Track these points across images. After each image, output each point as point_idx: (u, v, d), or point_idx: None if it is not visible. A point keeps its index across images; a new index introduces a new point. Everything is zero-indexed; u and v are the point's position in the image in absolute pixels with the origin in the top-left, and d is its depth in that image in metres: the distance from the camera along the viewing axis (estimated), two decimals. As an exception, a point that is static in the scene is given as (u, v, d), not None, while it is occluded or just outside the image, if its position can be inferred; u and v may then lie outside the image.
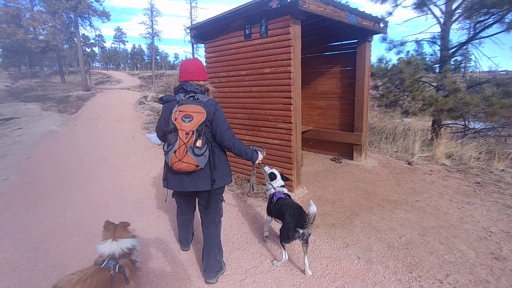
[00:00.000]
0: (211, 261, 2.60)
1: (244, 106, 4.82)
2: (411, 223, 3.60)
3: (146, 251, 3.13)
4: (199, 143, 2.24)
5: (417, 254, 2.98)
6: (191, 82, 2.46)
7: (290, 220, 2.66)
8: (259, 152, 2.71)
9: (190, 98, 2.36)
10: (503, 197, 4.32)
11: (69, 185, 5.11)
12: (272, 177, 3.22)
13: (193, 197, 2.77)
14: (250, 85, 4.64)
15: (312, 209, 2.46)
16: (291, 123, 4.22)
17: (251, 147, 2.70)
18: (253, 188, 2.98)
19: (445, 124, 7.68)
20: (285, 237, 2.69)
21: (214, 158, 2.44)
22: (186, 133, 2.21)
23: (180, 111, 2.24)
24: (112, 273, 1.96)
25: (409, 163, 5.92)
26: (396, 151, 6.87)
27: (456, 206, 4.04)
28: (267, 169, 3.27)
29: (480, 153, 6.12)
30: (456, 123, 7.70)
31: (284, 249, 2.78)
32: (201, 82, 2.52)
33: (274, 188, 3.12)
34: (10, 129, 9.39)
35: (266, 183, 3.23)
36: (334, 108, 6.54)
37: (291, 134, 4.26)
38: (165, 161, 2.43)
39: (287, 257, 2.81)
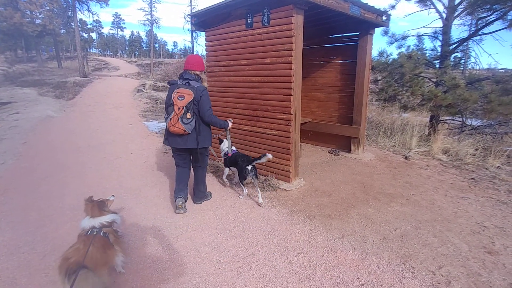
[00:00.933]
0: (198, 191, 3.89)
1: (243, 96, 4.80)
2: (406, 216, 3.65)
3: (143, 238, 3.15)
4: (188, 115, 3.30)
5: (411, 246, 3.03)
6: (190, 72, 3.48)
7: (241, 163, 3.94)
8: (228, 121, 3.84)
9: (185, 84, 3.40)
10: (497, 193, 4.38)
11: (67, 170, 5.10)
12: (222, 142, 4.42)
13: (186, 154, 3.72)
14: (250, 75, 4.61)
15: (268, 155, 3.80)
16: (291, 114, 4.22)
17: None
18: (231, 148, 4.22)
19: (442, 120, 7.71)
20: (241, 176, 3.96)
21: (199, 128, 3.47)
22: (178, 108, 3.28)
23: (177, 92, 3.32)
24: (95, 233, 2.23)
25: (406, 158, 5.97)
26: (393, 146, 6.91)
27: (451, 201, 4.10)
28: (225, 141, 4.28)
29: (476, 150, 6.17)
30: (453, 119, 7.73)
31: (244, 186, 4.02)
32: (197, 72, 3.52)
33: (228, 148, 4.18)
34: (6, 114, 9.31)
35: (221, 148, 4.40)
36: (333, 101, 6.54)
37: (290, 125, 4.27)
38: (166, 126, 3.45)
39: (246, 191, 4.10)
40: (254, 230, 3.30)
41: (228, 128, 3.88)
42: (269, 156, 3.81)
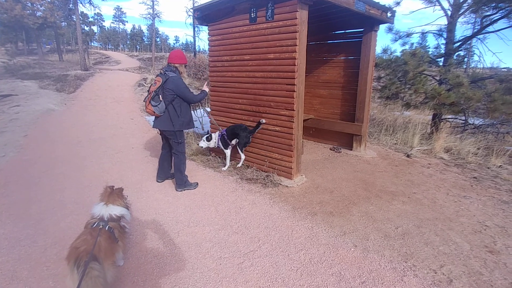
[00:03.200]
0: (176, 178, 4.20)
1: (246, 91, 4.77)
2: (408, 214, 3.64)
3: (145, 233, 3.15)
4: (157, 99, 3.83)
5: (412, 244, 3.02)
6: (170, 64, 4.03)
7: (244, 133, 4.67)
8: (204, 88, 4.35)
9: (162, 73, 3.92)
10: (499, 192, 4.36)
11: (68, 164, 5.09)
12: (209, 137, 4.96)
13: (165, 139, 4.22)
14: (253, 70, 4.58)
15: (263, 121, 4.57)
16: (294, 110, 4.19)
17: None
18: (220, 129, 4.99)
19: (445, 119, 7.68)
20: (243, 144, 4.75)
21: (170, 113, 3.92)
22: (150, 92, 3.88)
23: (154, 80, 3.93)
24: (100, 227, 2.21)
25: (408, 156, 5.95)
26: (395, 143, 6.89)
27: (453, 200, 4.09)
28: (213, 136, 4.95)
29: (478, 149, 6.14)
30: (456, 118, 7.69)
31: (242, 152, 4.85)
32: (176, 65, 4.02)
33: (219, 131, 4.93)
34: (7, 106, 9.28)
35: (213, 143, 4.97)
36: (336, 98, 6.50)
37: (293, 122, 4.24)
38: None
39: (244, 156, 4.90)
40: (255, 226, 3.30)
41: (208, 90, 4.40)
42: (263, 121, 4.56)
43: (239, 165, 4.93)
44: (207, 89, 4.30)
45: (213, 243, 2.97)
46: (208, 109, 4.57)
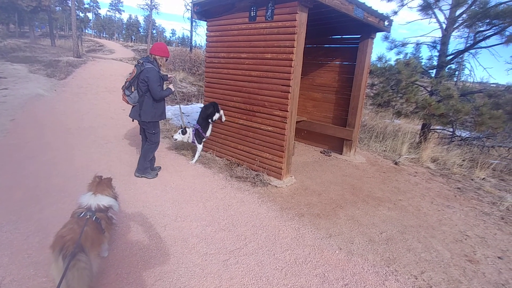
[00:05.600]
0: (139, 162, 4.29)
1: (241, 89, 4.77)
2: (393, 220, 3.71)
3: (131, 225, 3.12)
4: (131, 89, 3.95)
5: (395, 250, 3.09)
6: (150, 55, 4.04)
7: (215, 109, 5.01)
8: (170, 86, 4.23)
9: (139, 63, 3.94)
10: (481, 204, 4.49)
11: (55, 151, 5.00)
12: (184, 131, 4.98)
13: (142, 129, 4.28)
14: (249, 69, 4.58)
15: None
16: (287, 111, 4.22)
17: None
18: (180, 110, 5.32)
19: (433, 129, 7.84)
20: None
21: (142, 103, 3.98)
22: (126, 81, 4.00)
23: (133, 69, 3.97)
24: (87, 217, 2.18)
25: (396, 163, 6.05)
26: (384, 150, 7.00)
27: (436, 208, 4.18)
28: (189, 131, 5.02)
29: (463, 160, 6.31)
30: (444, 129, 7.87)
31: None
32: (156, 57, 4.03)
33: (190, 128, 5.06)
34: (-5, 88, 9.02)
35: (188, 137, 5.01)
36: (329, 102, 6.57)
37: (286, 123, 4.27)
38: None
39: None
40: (242, 224, 3.31)
41: (173, 91, 4.29)
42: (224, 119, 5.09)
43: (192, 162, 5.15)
44: (172, 88, 4.24)
45: (200, 239, 2.97)
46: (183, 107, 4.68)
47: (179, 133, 4.95)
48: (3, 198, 3.41)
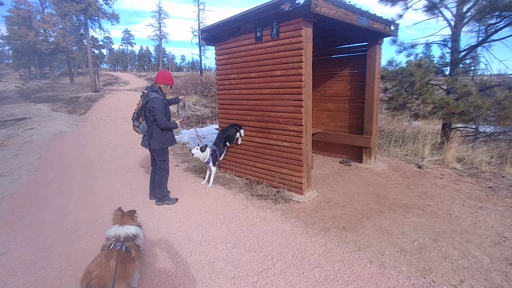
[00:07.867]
0: (157, 193, 4.33)
1: (254, 108, 4.83)
2: (423, 227, 3.56)
3: (157, 252, 3.14)
4: (140, 119, 4.06)
5: (430, 259, 2.95)
6: (155, 84, 4.15)
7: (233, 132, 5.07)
8: (177, 122, 4.30)
9: (144, 94, 4.03)
10: (516, 202, 4.25)
11: (80, 184, 5.16)
12: (203, 149, 4.91)
13: (152, 157, 4.36)
14: (260, 87, 4.65)
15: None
16: (302, 125, 4.21)
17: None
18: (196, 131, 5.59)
19: (455, 128, 7.59)
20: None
21: (152, 131, 4.07)
22: (134, 113, 4.12)
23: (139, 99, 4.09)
24: (117, 247, 2.21)
25: (419, 167, 5.87)
26: (405, 155, 6.82)
27: (469, 211, 3.99)
28: (208, 150, 4.95)
29: (491, 157, 6.04)
30: (467, 127, 7.60)
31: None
32: (161, 85, 4.15)
33: (209, 147, 4.99)
34: (21, 129, 9.53)
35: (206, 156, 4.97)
36: (343, 111, 6.52)
37: (302, 137, 4.26)
38: None
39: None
40: (268, 244, 3.26)
41: (180, 125, 4.41)
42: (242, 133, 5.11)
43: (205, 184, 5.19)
44: (178, 124, 4.30)
45: (226, 262, 2.95)
46: (198, 129, 4.77)
47: (197, 149, 4.87)
48: (35, 235, 3.53)
